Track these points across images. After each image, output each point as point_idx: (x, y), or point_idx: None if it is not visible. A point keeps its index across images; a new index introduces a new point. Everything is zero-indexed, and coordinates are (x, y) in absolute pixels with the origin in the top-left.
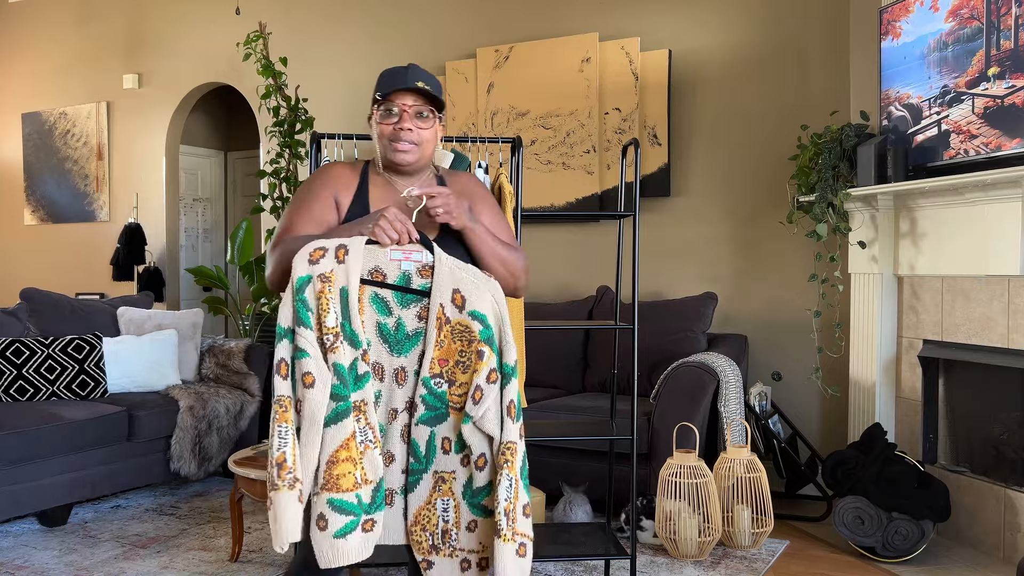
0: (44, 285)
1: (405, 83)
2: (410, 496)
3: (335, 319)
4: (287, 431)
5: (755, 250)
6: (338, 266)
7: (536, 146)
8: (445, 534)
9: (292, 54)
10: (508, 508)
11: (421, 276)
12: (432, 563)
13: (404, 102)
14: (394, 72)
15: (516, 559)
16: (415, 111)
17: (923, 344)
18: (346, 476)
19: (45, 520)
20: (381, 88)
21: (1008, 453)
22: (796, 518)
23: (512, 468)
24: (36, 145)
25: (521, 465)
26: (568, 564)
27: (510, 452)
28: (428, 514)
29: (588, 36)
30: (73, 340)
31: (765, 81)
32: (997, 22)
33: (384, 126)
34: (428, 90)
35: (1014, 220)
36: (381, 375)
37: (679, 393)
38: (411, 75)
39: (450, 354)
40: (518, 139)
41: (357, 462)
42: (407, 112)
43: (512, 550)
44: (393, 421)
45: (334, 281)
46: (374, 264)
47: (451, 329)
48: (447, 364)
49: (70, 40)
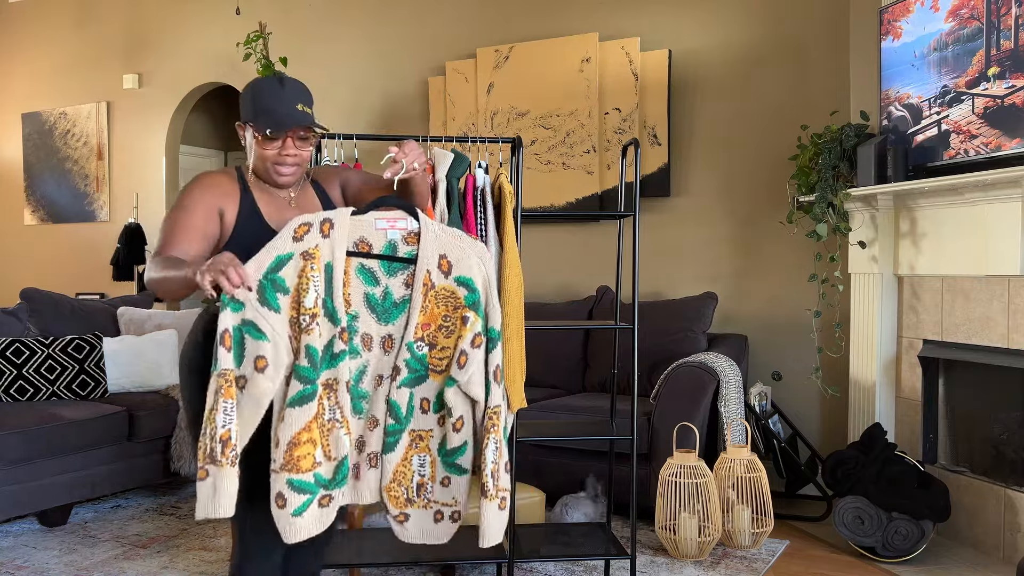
0: (44, 285)
1: (294, 121)
2: (388, 456)
3: (314, 299)
4: (232, 407)
5: (755, 250)
6: (323, 240)
7: (536, 146)
8: (420, 487)
9: (292, 54)
10: (495, 470)
11: (407, 243)
12: (408, 515)
13: (288, 130)
14: (274, 97)
15: (498, 513)
16: (297, 135)
17: (923, 344)
18: (306, 457)
19: (45, 520)
20: (266, 121)
21: (1008, 453)
22: (796, 518)
23: (497, 431)
24: (36, 145)
25: (504, 427)
26: (568, 564)
27: (496, 416)
28: (404, 470)
29: (588, 36)
30: (73, 340)
31: (765, 81)
32: (997, 22)
33: (267, 151)
34: (311, 117)
35: (1014, 220)
36: (369, 345)
37: (679, 393)
38: (293, 103)
39: (433, 318)
40: (518, 139)
41: (318, 442)
42: (291, 138)
43: (495, 506)
44: (378, 387)
45: (319, 257)
46: (359, 235)
47: (435, 295)
48: (429, 328)
49: (70, 40)
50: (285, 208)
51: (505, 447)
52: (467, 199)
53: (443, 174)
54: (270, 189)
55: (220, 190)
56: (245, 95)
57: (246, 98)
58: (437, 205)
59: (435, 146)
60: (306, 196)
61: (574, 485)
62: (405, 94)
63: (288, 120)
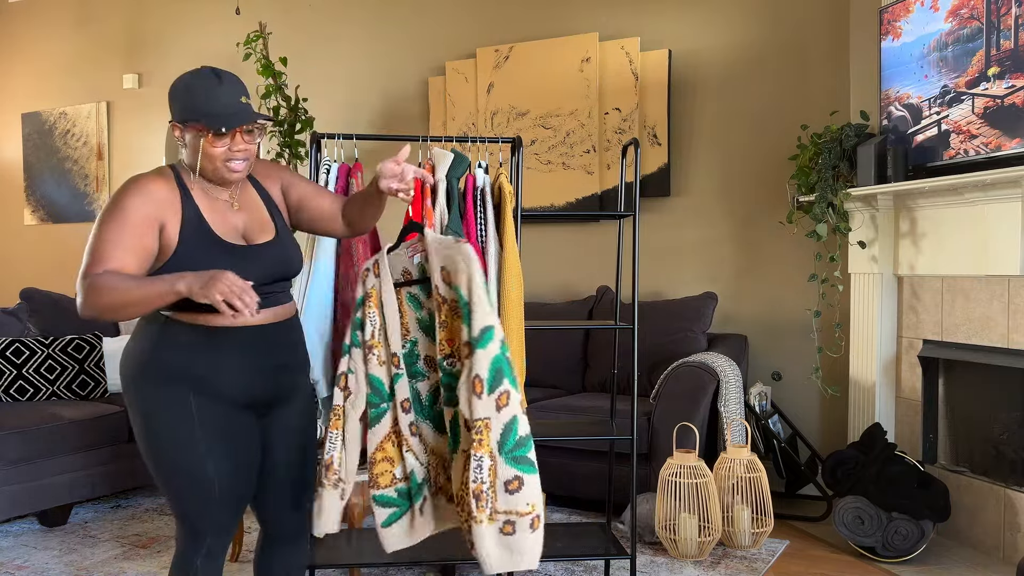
0: (44, 285)
1: (248, 116)
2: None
3: (371, 332)
4: (336, 437)
5: (755, 250)
6: (376, 280)
7: (536, 146)
8: (479, 496)
9: (292, 54)
10: (478, 490)
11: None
12: (473, 527)
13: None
14: (217, 93)
15: (501, 538)
16: (245, 129)
17: (923, 344)
18: (384, 475)
19: (45, 520)
20: (216, 119)
21: (1008, 453)
22: (796, 518)
23: (482, 447)
24: (36, 145)
25: (501, 439)
26: (568, 564)
27: (480, 431)
28: (462, 495)
29: (588, 36)
30: (73, 340)
31: (765, 81)
32: (997, 22)
33: (216, 148)
34: (254, 109)
35: (1014, 220)
36: (433, 366)
37: (679, 393)
38: (237, 97)
39: (455, 332)
40: (518, 139)
41: (395, 460)
42: (240, 133)
43: (494, 531)
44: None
45: (374, 295)
46: (402, 266)
47: (449, 308)
48: (455, 344)
49: (70, 40)
50: (228, 212)
51: (505, 463)
52: (467, 199)
53: (443, 174)
54: (210, 191)
55: (159, 199)
56: (180, 93)
57: (183, 96)
58: (437, 205)
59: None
60: (247, 195)
61: (574, 485)
62: (405, 94)
63: (242, 115)
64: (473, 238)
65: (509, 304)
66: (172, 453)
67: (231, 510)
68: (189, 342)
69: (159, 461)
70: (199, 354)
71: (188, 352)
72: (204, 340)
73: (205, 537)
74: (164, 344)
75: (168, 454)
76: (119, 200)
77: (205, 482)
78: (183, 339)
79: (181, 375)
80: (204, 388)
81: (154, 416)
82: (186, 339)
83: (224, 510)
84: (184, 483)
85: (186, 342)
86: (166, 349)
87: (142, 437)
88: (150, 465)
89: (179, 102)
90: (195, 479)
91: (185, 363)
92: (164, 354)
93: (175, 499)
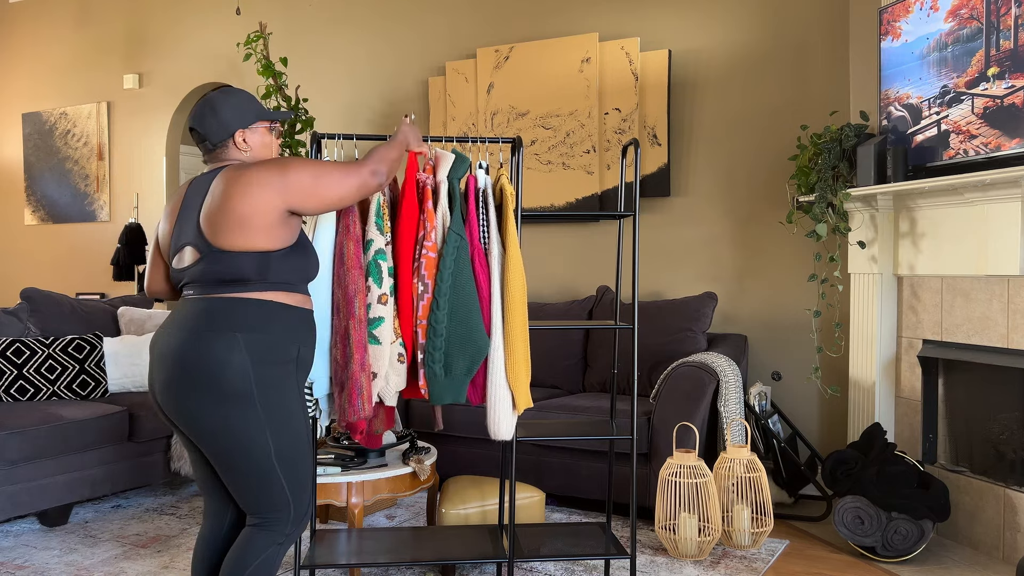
0: (44, 285)
1: (288, 112)
2: None
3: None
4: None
5: (755, 250)
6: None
7: (536, 146)
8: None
9: (292, 54)
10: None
11: None
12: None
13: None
14: (248, 97)
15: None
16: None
17: (923, 344)
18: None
19: (45, 520)
20: (276, 115)
21: (1008, 453)
22: (796, 518)
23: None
24: (36, 145)
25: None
26: (568, 564)
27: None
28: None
29: (588, 36)
30: (73, 340)
31: (765, 81)
32: (997, 22)
33: (276, 142)
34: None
35: (1014, 220)
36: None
37: (679, 393)
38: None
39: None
40: (518, 139)
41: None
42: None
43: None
44: None
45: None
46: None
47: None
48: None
49: (70, 40)
50: None
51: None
52: (469, 201)
53: (444, 175)
54: None
55: None
56: (247, 100)
57: (251, 101)
58: (439, 207)
59: (436, 146)
60: None
61: (574, 485)
62: (405, 94)
63: (284, 112)
64: (475, 239)
65: (513, 305)
66: (302, 435)
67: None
68: (296, 325)
69: (291, 443)
70: (304, 335)
71: (297, 335)
72: (307, 323)
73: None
74: (280, 327)
75: (300, 437)
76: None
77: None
78: (294, 321)
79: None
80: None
81: (283, 398)
82: (296, 321)
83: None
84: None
85: (296, 324)
86: (281, 332)
87: (276, 422)
88: (271, 451)
89: (248, 107)
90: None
91: (297, 346)
92: (280, 336)
93: (300, 479)
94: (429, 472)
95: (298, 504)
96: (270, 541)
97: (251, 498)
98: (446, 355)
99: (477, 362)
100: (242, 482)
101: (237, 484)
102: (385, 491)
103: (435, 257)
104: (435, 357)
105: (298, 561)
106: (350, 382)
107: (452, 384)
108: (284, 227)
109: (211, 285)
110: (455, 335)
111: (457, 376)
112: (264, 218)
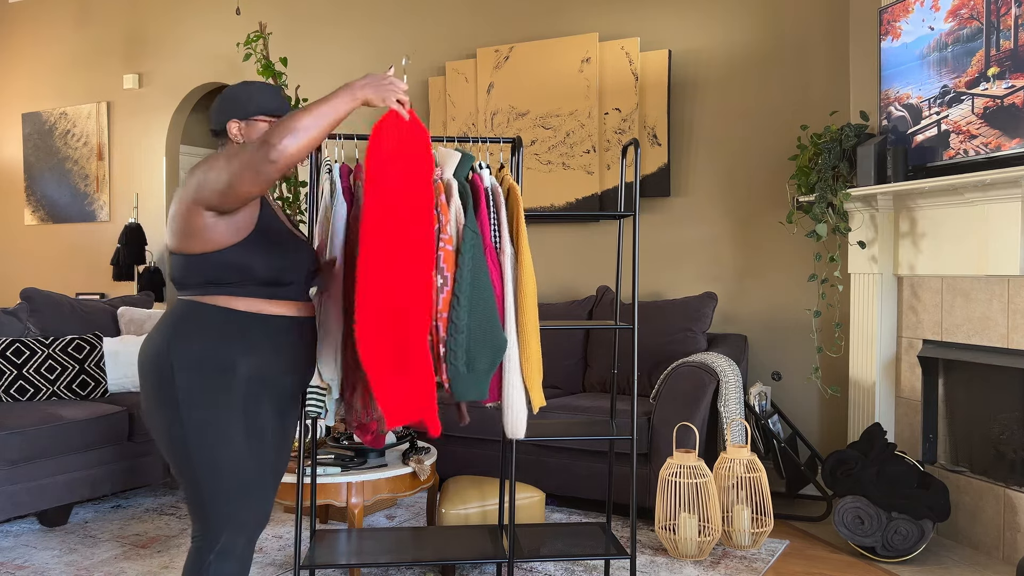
0: (44, 285)
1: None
2: None
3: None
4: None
5: (755, 250)
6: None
7: (536, 146)
8: None
9: (292, 54)
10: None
11: None
12: None
13: None
14: (264, 87)
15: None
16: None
17: (923, 344)
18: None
19: (45, 520)
20: (281, 109)
21: (1008, 453)
22: (796, 518)
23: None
24: (36, 145)
25: None
26: (568, 564)
27: None
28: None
29: (588, 36)
30: (73, 340)
31: (765, 81)
32: (997, 22)
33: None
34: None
35: (1014, 220)
36: None
37: (679, 393)
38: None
39: None
40: (518, 139)
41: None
42: None
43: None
44: None
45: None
46: None
47: None
48: None
49: (70, 40)
50: (275, 204)
51: None
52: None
53: (451, 174)
54: None
55: None
56: (258, 91)
57: (262, 93)
58: (452, 204)
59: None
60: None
61: (574, 485)
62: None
63: (288, 104)
64: (487, 238)
65: (527, 304)
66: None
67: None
68: (237, 332)
69: (220, 464)
70: (254, 344)
71: (243, 343)
72: (261, 330)
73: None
74: (221, 335)
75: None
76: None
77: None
78: (233, 329)
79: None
80: (254, 381)
81: (214, 416)
82: (237, 329)
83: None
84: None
85: (236, 332)
86: (216, 339)
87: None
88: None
89: (252, 101)
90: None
91: (240, 355)
92: (212, 344)
93: (230, 504)
94: (429, 472)
95: (219, 528)
96: (198, 560)
97: (187, 505)
98: (468, 351)
99: (498, 358)
100: (181, 486)
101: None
102: (385, 491)
103: (453, 251)
104: (457, 354)
105: (298, 561)
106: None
107: (475, 380)
108: (215, 228)
109: (176, 288)
110: (476, 330)
111: (480, 372)
112: (183, 219)
